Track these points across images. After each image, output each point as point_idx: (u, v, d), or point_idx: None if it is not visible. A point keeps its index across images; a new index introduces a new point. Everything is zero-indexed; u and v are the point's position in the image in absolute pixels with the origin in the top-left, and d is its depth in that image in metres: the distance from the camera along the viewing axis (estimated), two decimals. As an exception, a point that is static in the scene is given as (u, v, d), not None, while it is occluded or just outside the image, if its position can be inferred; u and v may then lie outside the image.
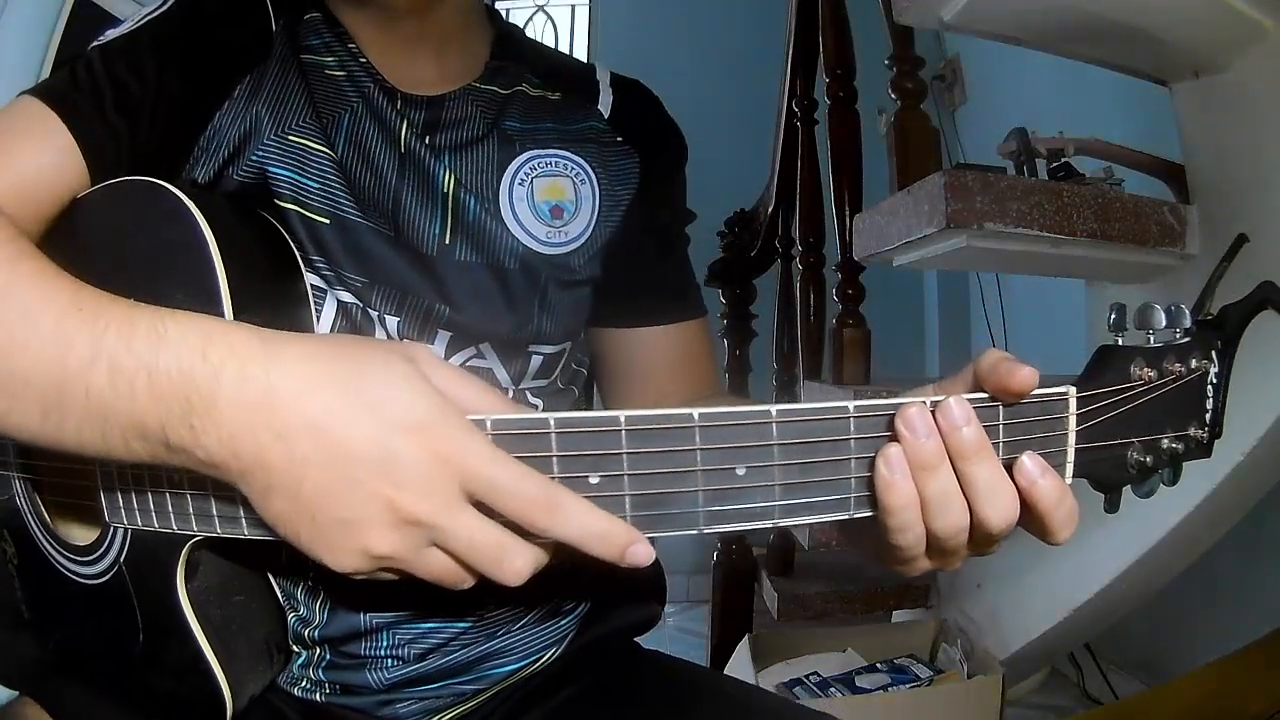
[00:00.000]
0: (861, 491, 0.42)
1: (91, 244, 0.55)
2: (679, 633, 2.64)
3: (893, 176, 1.58)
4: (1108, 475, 0.44)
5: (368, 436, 0.38)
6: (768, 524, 0.41)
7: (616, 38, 3.20)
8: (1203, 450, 0.45)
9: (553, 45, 3.77)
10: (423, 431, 0.38)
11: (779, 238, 2.05)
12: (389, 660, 0.62)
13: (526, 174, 0.65)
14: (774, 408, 0.40)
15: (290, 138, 0.60)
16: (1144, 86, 1.33)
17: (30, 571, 0.61)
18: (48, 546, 0.59)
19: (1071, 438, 0.43)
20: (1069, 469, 0.43)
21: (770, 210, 2.02)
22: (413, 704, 0.64)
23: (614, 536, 0.39)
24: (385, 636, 0.62)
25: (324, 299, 0.60)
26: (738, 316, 2.09)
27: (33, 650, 0.62)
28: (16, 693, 0.63)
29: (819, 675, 1.54)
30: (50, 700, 0.61)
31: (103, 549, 0.55)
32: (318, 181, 0.60)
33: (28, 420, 0.42)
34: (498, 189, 0.64)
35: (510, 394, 0.64)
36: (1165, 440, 0.44)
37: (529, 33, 0.78)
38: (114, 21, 0.62)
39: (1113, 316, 0.45)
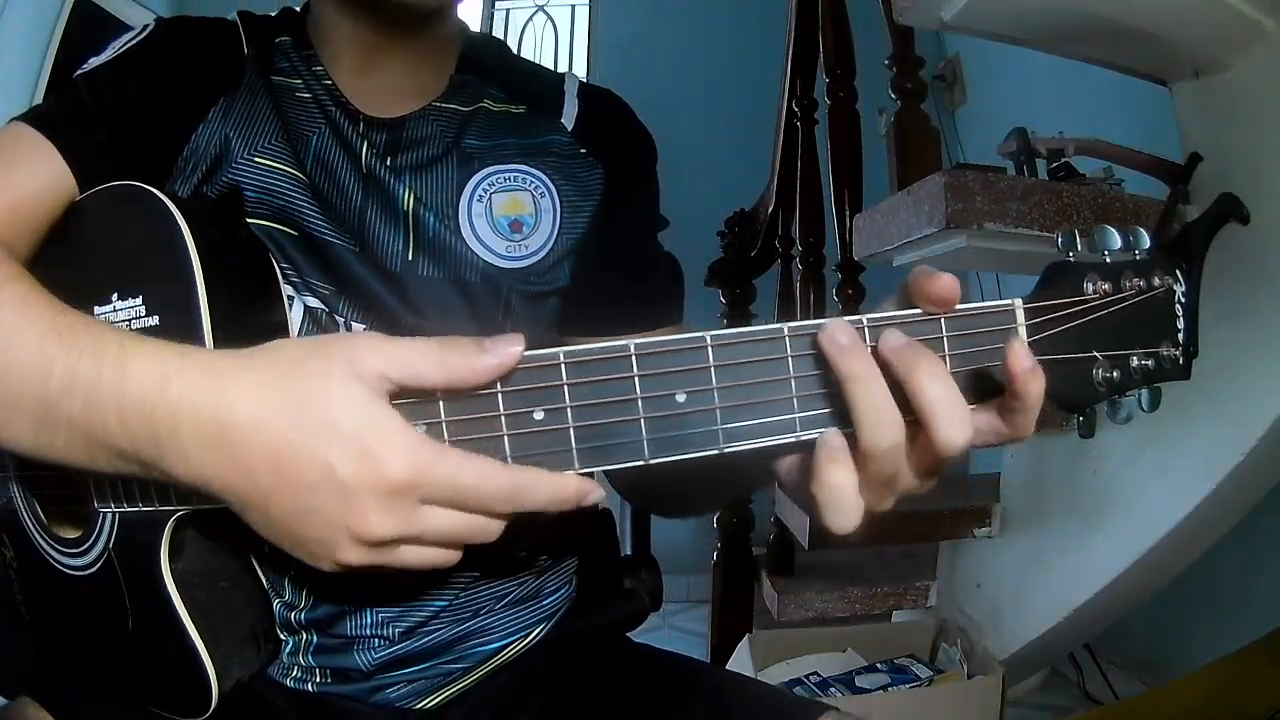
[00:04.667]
0: (806, 411, 0.41)
1: (84, 241, 0.58)
2: (679, 633, 2.64)
3: (893, 176, 1.59)
4: (1072, 392, 0.42)
5: (321, 471, 0.39)
6: (713, 451, 0.41)
7: (616, 38, 3.20)
8: (1180, 371, 0.43)
9: (553, 45, 3.72)
10: (374, 461, 0.39)
11: (779, 238, 2.05)
12: (375, 640, 0.63)
13: (485, 190, 0.67)
14: (709, 333, 0.41)
15: (257, 159, 0.63)
16: (1144, 86, 1.33)
17: (28, 572, 0.61)
18: (42, 543, 0.60)
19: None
20: None
21: (770, 210, 2.02)
22: (402, 686, 0.64)
23: (569, 494, 0.41)
24: (369, 614, 0.63)
25: (293, 303, 0.62)
26: (738, 316, 2.09)
27: (32, 651, 0.63)
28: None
29: (819, 675, 1.55)
30: (50, 698, 0.62)
31: (92, 538, 0.56)
32: (285, 200, 0.62)
33: (23, 434, 0.45)
34: (457, 206, 0.66)
35: None
36: (1135, 357, 0.42)
37: (530, 33, 0.79)
38: (114, 21, 0.63)
39: (1060, 239, 0.43)
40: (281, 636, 0.63)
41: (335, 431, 0.39)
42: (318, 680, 0.64)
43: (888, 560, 1.85)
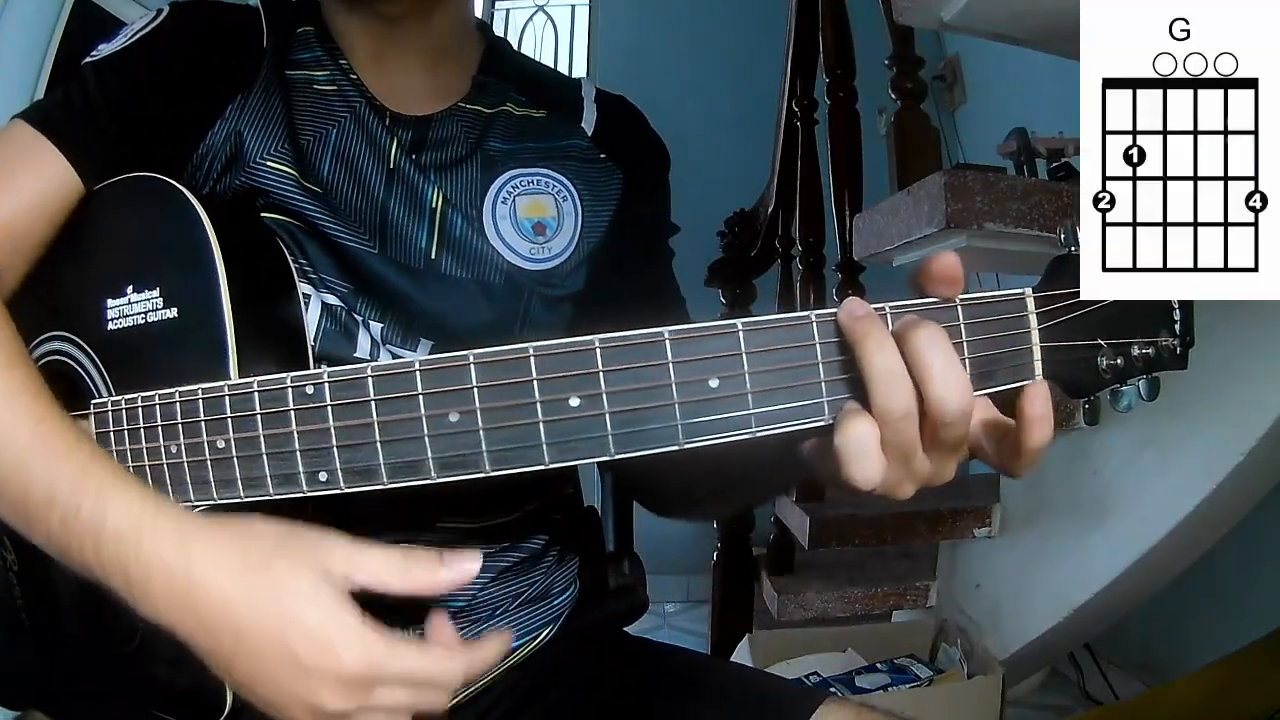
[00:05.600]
0: (834, 396, 0.42)
1: (94, 232, 0.57)
2: (679, 632, 2.64)
3: (893, 176, 1.59)
4: (1079, 378, 0.44)
5: (282, 651, 0.43)
6: (745, 435, 0.42)
7: (616, 38, 3.20)
8: (1177, 360, 0.45)
9: (553, 45, 3.72)
10: (332, 654, 0.43)
11: (779, 238, 2.05)
12: None
13: (509, 192, 0.67)
14: (740, 320, 0.42)
15: (269, 163, 0.61)
16: (1144, 86, 1.32)
17: (30, 576, 0.61)
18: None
19: (1034, 335, 0.43)
20: (1037, 367, 0.43)
21: (770, 210, 2.02)
22: None
23: (506, 648, 0.49)
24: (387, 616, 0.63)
25: (310, 300, 0.61)
26: (738, 317, 2.08)
27: (34, 659, 0.62)
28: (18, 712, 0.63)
29: (819, 675, 1.54)
30: (57, 708, 0.62)
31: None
32: (296, 204, 0.61)
33: (3, 514, 0.48)
34: (482, 207, 0.66)
35: None
36: (1136, 346, 0.44)
37: (530, 33, 0.80)
38: (114, 21, 0.63)
39: (1063, 235, 0.45)
40: None
41: (298, 624, 0.43)
42: None
43: (888, 560, 1.85)
